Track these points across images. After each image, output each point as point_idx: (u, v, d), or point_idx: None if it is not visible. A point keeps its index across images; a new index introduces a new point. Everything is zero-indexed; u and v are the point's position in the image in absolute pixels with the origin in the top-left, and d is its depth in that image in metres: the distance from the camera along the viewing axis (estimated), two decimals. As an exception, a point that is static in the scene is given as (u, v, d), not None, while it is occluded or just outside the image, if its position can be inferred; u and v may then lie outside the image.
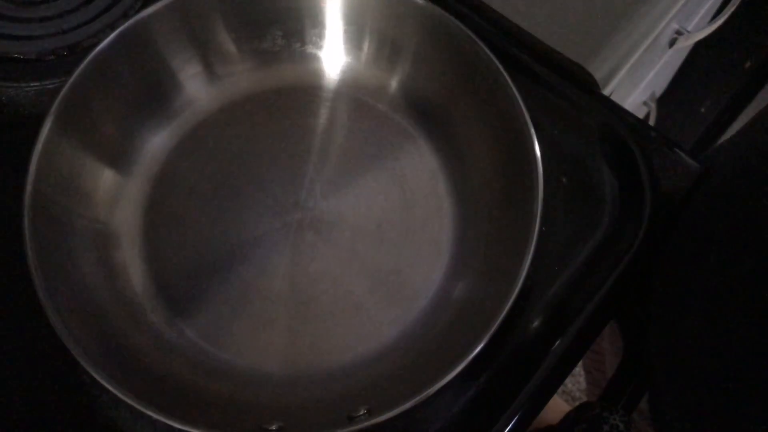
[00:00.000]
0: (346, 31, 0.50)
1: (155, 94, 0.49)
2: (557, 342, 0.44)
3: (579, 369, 1.30)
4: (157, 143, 0.49)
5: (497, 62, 0.45)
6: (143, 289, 0.45)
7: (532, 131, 0.43)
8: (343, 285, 0.46)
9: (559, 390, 0.46)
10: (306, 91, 0.52)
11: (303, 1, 0.49)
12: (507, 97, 0.44)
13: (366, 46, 0.51)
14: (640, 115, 0.99)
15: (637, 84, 0.78)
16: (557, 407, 0.99)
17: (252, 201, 0.48)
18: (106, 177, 0.46)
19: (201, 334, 0.44)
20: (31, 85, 0.50)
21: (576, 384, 1.31)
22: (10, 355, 0.43)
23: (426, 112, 0.50)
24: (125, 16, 0.54)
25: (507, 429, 0.42)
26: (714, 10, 0.88)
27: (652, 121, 1.02)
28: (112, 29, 0.51)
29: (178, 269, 0.46)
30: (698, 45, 0.85)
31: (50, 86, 0.51)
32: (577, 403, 0.47)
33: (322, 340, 0.45)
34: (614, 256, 0.47)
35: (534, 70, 0.52)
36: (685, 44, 0.74)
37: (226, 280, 0.46)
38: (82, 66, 0.44)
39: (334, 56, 0.52)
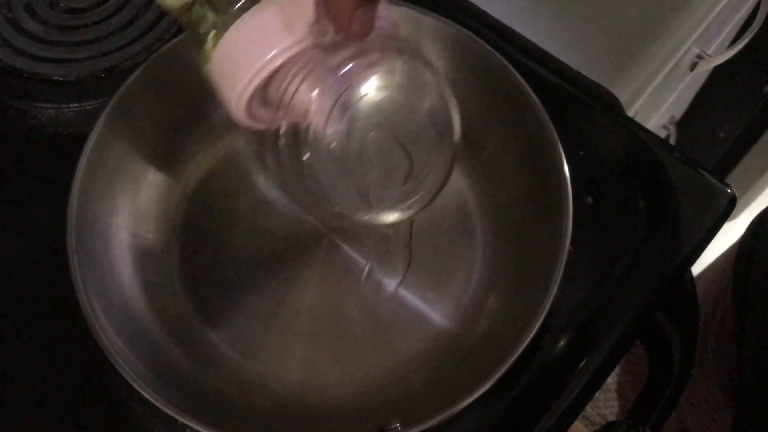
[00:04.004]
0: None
1: (195, 113, 0.50)
2: (584, 361, 0.45)
3: (598, 393, 1.29)
4: (195, 160, 0.50)
5: (526, 84, 0.46)
6: (179, 303, 0.46)
7: (561, 151, 0.43)
8: (372, 301, 0.47)
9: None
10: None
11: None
12: (536, 117, 0.45)
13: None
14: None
15: (658, 107, 0.79)
16: (577, 431, 0.98)
17: (285, 217, 0.49)
18: (145, 193, 0.48)
19: (234, 348, 0.45)
20: (71, 106, 0.52)
21: (595, 408, 1.30)
22: (49, 369, 0.44)
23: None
24: (161, 39, 0.55)
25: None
26: (733, 35, 0.89)
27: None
28: (149, 52, 0.53)
29: (212, 284, 0.47)
30: (717, 69, 0.86)
31: (89, 107, 0.52)
32: (595, 428, 0.47)
33: (353, 355, 0.45)
34: (640, 276, 0.47)
35: (561, 92, 0.53)
36: (706, 68, 0.75)
37: (259, 294, 0.47)
38: (123, 87, 0.45)
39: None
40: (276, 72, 0.35)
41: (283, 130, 0.36)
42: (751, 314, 0.50)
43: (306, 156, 0.35)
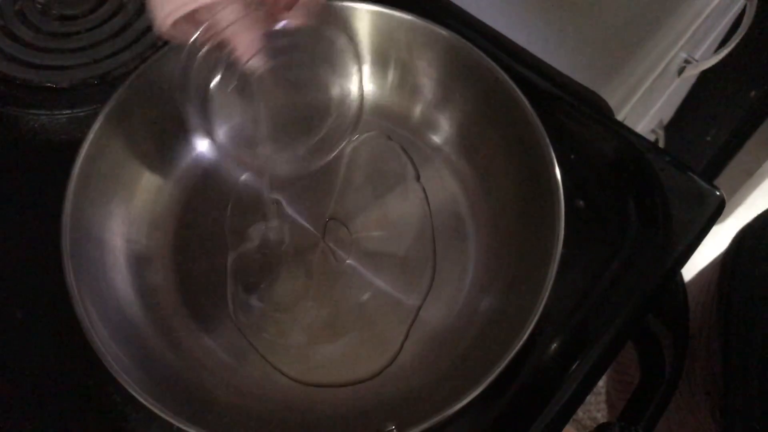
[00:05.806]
0: (371, 61, 0.52)
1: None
2: (576, 363, 0.45)
3: (588, 396, 1.29)
4: (188, 166, 0.50)
5: (518, 89, 0.46)
6: (174, 308, 0.46)
7: (553, 155, 0.44)
8: (367, 305, 0.47)
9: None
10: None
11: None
12: (527, 122, 0.45)
13: (390, 74, 0.52)
14: (649, 142, 1.00)
15: (647, 111, 0.79)
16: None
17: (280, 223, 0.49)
18: (139, 199, 0.48)
19: (228, 352, 0.45)
20: (63, 112, 0.52)
21: (586, 412, 1.30)
22: (44, 374, 0.44)
23: (447, 138, 0.52)
24: (153, 46, 0.55)
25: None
26: (720, 40, 0.90)
27: (660, 149, 1.02)
28: (141, 59, 0.53)
29: (207, 288, 0.47)
30: (704, 74, 0.87)
31: (81, 114, 0.52)
32: (587, 431, 0.47)
33: (347, 358, 0.45)
34: (632, 278, 0.48)
35: (552, 97, 0.53)
36: (693, 72, 0.75)
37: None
38: (116, 93, 0.46)
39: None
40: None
41: (206, 48, 0.37)
42: (735, 330, 0.51)
43: (217, 78, 0.37)
